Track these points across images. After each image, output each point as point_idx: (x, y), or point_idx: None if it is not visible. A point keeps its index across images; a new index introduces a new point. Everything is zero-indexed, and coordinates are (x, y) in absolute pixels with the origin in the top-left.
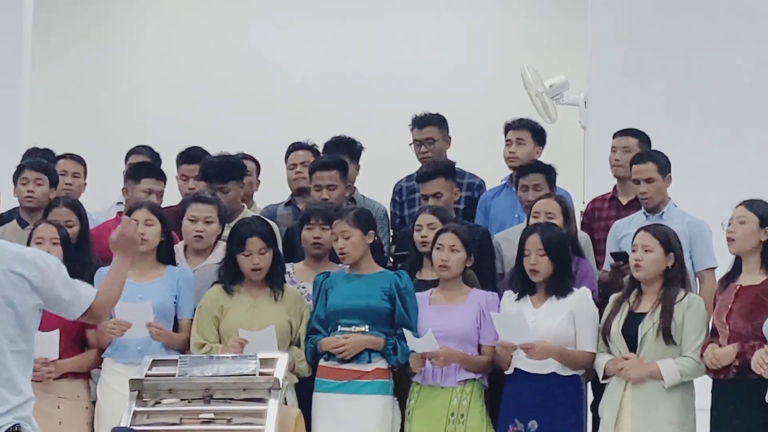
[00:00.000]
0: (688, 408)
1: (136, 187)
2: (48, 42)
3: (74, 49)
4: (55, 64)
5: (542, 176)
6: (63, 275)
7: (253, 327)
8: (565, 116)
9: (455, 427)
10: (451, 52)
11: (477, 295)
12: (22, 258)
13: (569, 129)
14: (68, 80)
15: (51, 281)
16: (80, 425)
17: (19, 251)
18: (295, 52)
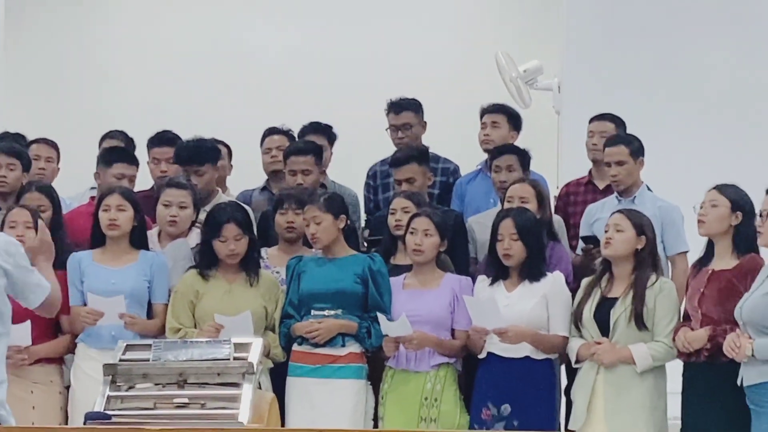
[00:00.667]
0: (659, 392)
1: (107, 171)
2: (21, 26)
3: (47, 34)
4: (28, 48)
5: (515, 158)
6: (28, 263)
7: (229, 312)
8: (539, 101)
9: (429, 411)
10: (425, 36)
11: (450, 280)
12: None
13: (543, 114)
14: (41, 65)
15: (20, 268)
16: (54, 410)
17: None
18: (268, 37)
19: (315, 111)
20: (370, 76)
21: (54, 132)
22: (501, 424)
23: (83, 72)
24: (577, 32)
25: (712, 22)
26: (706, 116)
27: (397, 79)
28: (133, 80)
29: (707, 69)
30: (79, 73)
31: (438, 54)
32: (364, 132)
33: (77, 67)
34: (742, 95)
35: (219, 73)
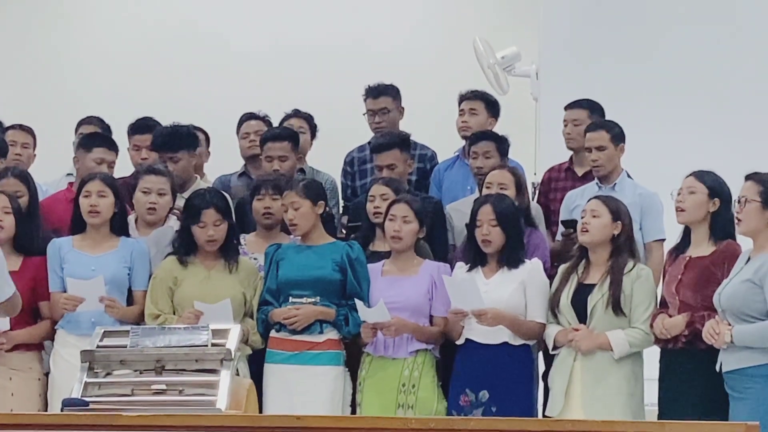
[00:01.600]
0: (637, 378)
1: (87, 156)
2: None
3: (22, 21)
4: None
5: (493, 144)
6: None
7: (207, 298)
8: (517, 88)
9: (406, 397)
10: (402, 22)
11: (429, 267)
12: None
13: (521, 101)
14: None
15: None
16: (33, 397)
17: None
18: (245, 23)
19: (292, 97)
20: (348, 62)
21: (29, 118)
22: (479, 410)
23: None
24: (555, 19)
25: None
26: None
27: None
28: (108, 66)
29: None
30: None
31: (416, 40)
32: (342, 118)
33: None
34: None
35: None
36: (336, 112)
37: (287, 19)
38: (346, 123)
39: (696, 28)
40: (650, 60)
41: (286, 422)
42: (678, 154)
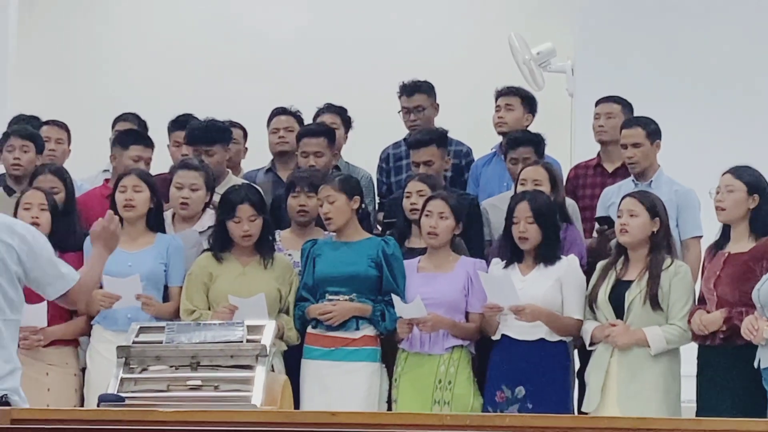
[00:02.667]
0: (673, 374)
1: (124, 154)
2: (33, 10)
3: (60, 17)
4: (40, 32)
5: (531, 149)
6: (49, 253)
7: (242, 294)
8: (553, 84)
9: (442, 393)
10: (438, 18)
11: (465, 263)
12: (11, 229)
13: (556, 96)
14: (54, 48)
15: (37, 257)
16: (69, 392)
17: (9, 222)
18: (278, 18)
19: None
20: (383, 58)
21: (66, 115)
22: (515, 406)
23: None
24: (590, 14)
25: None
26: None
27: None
28: (142, 63)
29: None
30: (90, 56)
31: (451, 36)
32: (377, 114)
33: (89, 51)
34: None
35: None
36: (371, 107)
37: (321, 14)
38: (381, 118)
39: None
40: (684, 56)
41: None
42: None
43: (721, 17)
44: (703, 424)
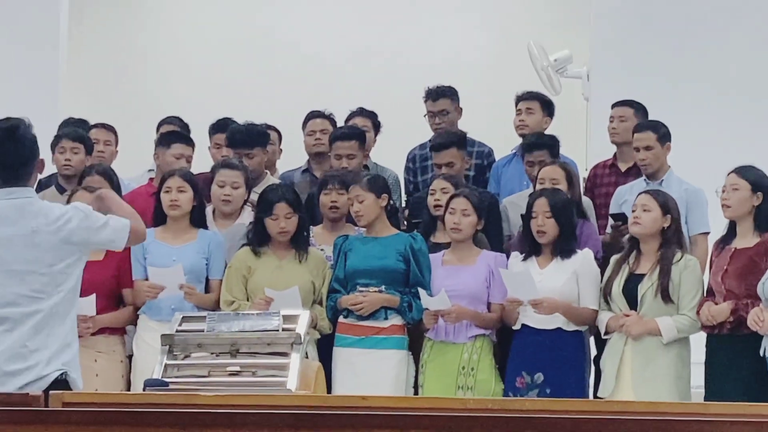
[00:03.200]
0: (684, 362)
1: (166, 152)
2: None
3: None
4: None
5: (546, 151)
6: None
7: (279, 286)
8: (569, 89)
9: (466, 379)
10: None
11: (486, 256)
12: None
13: (573, 101)
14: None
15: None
16: (115, 377)
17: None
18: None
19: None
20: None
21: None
22: (534, 391)
23: (139, 63)
24: (605, 23)
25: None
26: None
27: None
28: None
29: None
30: (135, 64)
31: (475, 44)
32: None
33: (134, 60)
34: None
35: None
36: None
37: (353, 25)
38: (408, 121)
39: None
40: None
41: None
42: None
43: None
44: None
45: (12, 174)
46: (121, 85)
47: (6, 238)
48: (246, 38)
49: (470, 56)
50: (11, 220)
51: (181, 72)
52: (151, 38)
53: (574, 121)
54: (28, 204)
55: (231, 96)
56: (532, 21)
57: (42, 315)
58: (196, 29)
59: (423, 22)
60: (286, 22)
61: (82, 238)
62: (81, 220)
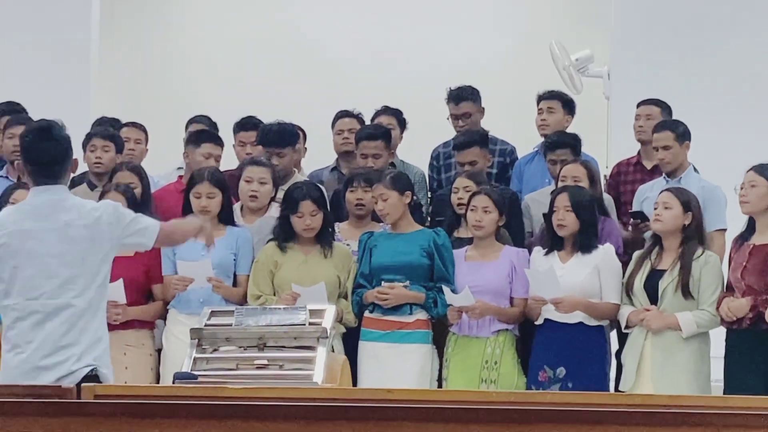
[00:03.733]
0: (703, 356)
1: (195, 151)
2: (113, 21)
3: (137, 30)
4: (120, 41)
5: (569, 150)
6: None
7: (305, 281)
8: (590, 88)
9: (489, 373)
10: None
11: (509, 252)
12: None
13: (594, 100)
14: (133, 55)
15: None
16: (145, 370)
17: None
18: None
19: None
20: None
21: (143, 117)
22: (556, 385)
23: (168, 64)
24: (626, 23)
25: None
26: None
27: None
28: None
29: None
30: (164, 65)
31: (498, 44)
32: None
33: (163, 60)
34: None
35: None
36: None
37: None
38: (434, 118)
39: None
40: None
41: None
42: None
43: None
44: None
45: (46, 172)
46: (150, 85)
47: (39, 231)
48: (271, 39)
49: (493, 55)
50: (44, 214)
51: (209, 72)
52: (179, 40)
53: (595, 120)
54: (61, 200)
55: (257, 95)
56: (553, 21)
57: (74, 310)
58: (223, 31)
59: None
60: (310, 23)
61: (112, 232)
62: (110, 215)
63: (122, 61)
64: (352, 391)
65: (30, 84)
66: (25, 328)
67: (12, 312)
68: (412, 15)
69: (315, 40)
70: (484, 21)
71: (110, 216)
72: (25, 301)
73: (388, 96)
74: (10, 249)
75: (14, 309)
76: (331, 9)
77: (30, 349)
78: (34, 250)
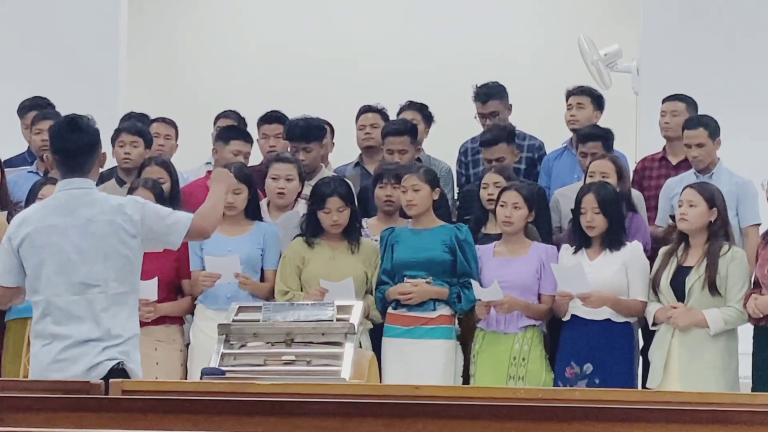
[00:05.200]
0: (731, 354)
1: (225, 148)
2: (142, 17)
3: (165, 26)
4: (149, 37)
5: (600, 143)
6: (156, 211)
7: (332, 276)
8: (619, 83)
9: (517, 369)
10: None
11: (537, 248)
12: (122, 208)
13: (623, 95)
14: (161, 51)
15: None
16: (175, 366)
17: (119, 204)
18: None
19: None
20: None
21: (173, 112)
22: (583, 381)
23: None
24: (655, 18)
25: None
26: None
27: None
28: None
29: None
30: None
31: (526, 40)
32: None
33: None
34: None
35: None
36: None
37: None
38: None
39: None
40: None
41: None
42: None
43: None
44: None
45: (73, 162)
46: (178, 80)
47: (62, 227)
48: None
49: (521, 50)
50: (68, 210)
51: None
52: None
53: (623, 115)
54: (84, 194)
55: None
56: (582, 16)
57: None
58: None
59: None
60: (338, 18)
61: (138, 228)
62: (136, 211)
63: (150, 57)
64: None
65: (58, 79)
66: (52, 322)
67: (39, 307)
68: (439, 9)
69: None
70: (513, 16)
71: (136, 212)
72: (51, 296)
73: (416, 91)
74: (36, 245)
75: (41, 304)
76: (359, 4)
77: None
78: (58, 245)
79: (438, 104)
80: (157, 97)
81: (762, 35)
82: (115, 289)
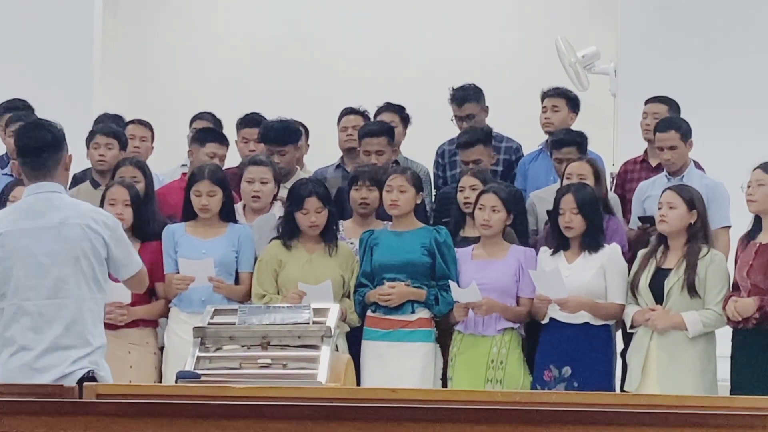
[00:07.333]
0: (709, 356)
1: (200, 150)
2: (117, 18)
3: (140, 25)
4: (123, 37)
5: (575, 148)
6: (125, 238)
7: (309, 280)
8: (597, 85)
9: (495, 372)
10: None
11: (516, 251)
12: (95, 215)
13: (600, 97)
14: (136, 52)
15: (117, 241)
16: (149, 369)
17: (92, 209)
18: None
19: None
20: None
21: (148, 114)
22: (562, 384)
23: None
24: (632, 19)
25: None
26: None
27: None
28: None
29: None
30: (170, 59)
31: (502, 41)
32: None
33: (169, 55)
34: None
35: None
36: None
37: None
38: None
39: None
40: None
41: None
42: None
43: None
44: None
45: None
46: (152, 82)
47: (35, 230)
48: (275, 35)
49: (498, 52)
50: (38, 213)
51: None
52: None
53: (601, 117)
54: (55, 197)
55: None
56: (559, 18)
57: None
58: (227, 26)
59: (452, 17)
60: (316, 19)
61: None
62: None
63: (125, 57)
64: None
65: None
66: (20, 329)
67: (7, 312)
68: (417, 11)
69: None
70: (490, 17)
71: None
72: (20, 301)
73: (393, 93)
74: (6, 249)
75: (9, 309)
76: (337, 5)
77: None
78: (29, 249)
79: (415, 105)
80: (131, 98)
81: (738, 36)
82: (86, 294)
